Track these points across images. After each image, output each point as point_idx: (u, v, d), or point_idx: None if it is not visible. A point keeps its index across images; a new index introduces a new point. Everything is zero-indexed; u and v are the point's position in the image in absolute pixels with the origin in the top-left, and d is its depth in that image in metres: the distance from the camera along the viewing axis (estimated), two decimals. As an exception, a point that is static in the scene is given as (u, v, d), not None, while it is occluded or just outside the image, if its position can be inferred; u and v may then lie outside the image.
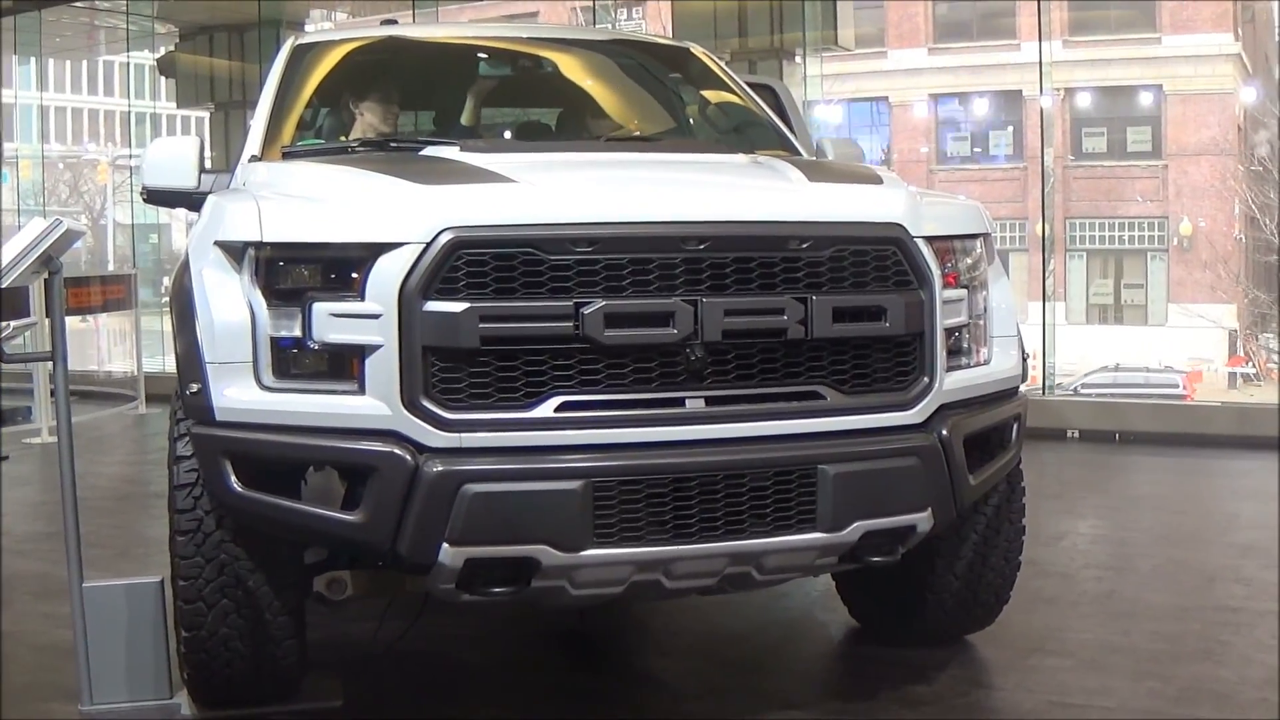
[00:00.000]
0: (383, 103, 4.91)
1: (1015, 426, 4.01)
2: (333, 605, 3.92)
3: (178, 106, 18.94)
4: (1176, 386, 25.89)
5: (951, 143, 36.32)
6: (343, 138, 4.83)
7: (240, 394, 3.42)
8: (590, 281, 3.36)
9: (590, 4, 18.03)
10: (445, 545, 3.32)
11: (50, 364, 4.08)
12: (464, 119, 5.26)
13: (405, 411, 3.31)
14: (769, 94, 5.58)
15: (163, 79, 19.07)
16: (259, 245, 3.43)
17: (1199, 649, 4.61)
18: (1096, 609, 5.16)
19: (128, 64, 25.45)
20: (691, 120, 5.44)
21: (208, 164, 4.45)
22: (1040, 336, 12.17)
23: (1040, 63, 14.82)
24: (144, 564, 5.74)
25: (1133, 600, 5.27)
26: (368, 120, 4.88)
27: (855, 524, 3.53)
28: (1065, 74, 31.70)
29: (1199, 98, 32.80)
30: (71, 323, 6.61)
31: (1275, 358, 30.31)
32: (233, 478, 3.45)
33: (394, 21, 5.90)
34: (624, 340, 3.37)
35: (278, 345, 3.42)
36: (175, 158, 4.36)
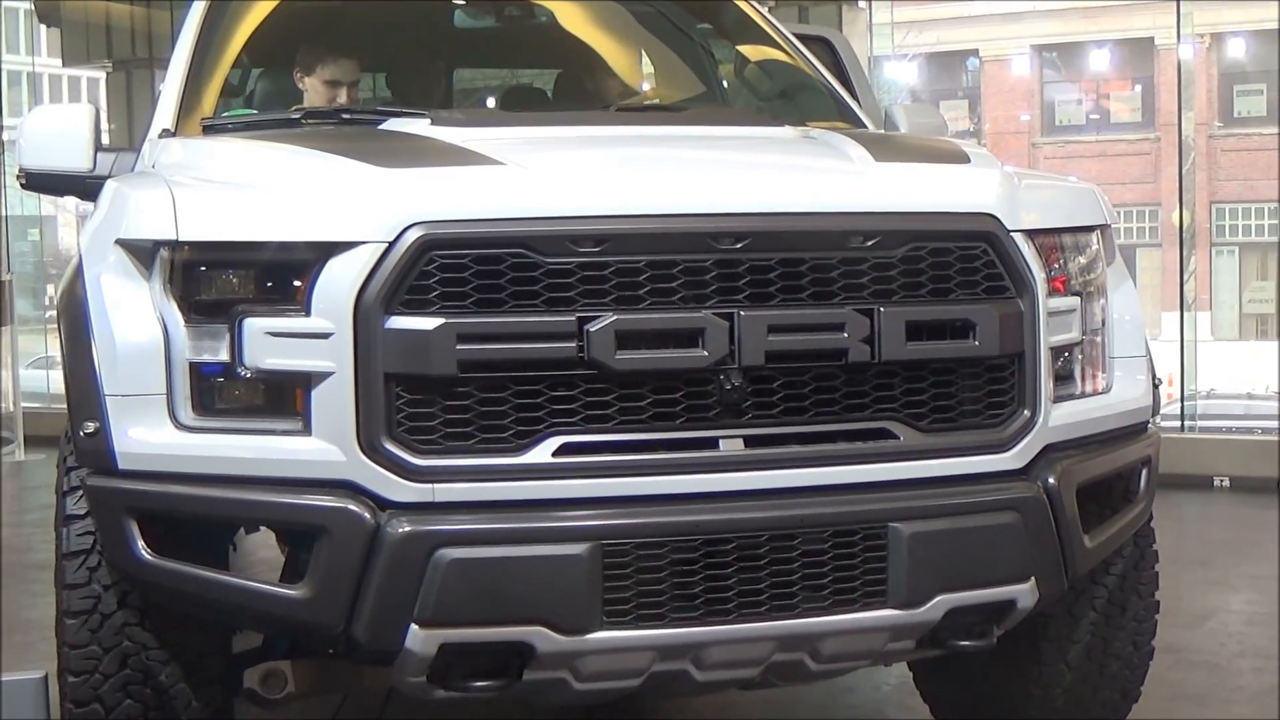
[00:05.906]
0: (333, 62, 4.96)
1: (1144, 472, 4.04)
2: (269, 705, 3.94)
3: (64, 64, 19.05)
4: None
5: (1061, 108, 36.35)
6: (281, 107, 4.89)
7: (150, 435, 3.45)
8: (598, 290, 3.39)
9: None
10: (414, 627, 3.34)
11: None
12: (436, 83, 5.31)
13: (362, 456, 3.34)
14: (824, 48, 5.62)
15: (44, 29, 19.18)
16: (174, 245, 3.46)
17: (1384, 760, 4.63)
18: (1255, 709, 5.17)
19: (-1, 11, 25.62)
20: (725, 84, 5.49)
21: (105, 140, 4.50)
22: (1178, 356, 12.17)
23: (1178, 1, 14.84)
24: (22, 655, 5.77)
25: (1299, 698, 5.28)
26: (313, 84, 4.93)
27: (937, 598, 3.56)
28: (1210, 16, 31.65)
29: (1388, 45, 32.75)
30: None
31: None
32: (140, 542, 3.47)
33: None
34: (641, 365, 3.40)
35: (199, 373, 3.45)
36: (63, 132, 4.40)
